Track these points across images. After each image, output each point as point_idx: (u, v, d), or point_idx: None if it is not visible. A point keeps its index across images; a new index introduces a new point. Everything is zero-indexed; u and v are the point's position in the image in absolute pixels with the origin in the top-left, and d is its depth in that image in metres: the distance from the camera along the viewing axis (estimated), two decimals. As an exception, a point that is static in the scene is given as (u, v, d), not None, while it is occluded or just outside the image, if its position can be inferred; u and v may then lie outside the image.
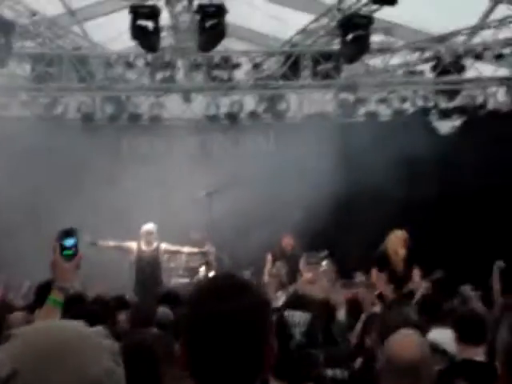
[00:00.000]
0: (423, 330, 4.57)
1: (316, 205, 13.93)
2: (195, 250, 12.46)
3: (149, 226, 11.85)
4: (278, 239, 12.84)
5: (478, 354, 4.96)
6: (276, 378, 3.07)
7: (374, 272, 10.72)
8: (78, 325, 1.56)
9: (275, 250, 12.67)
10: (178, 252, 12.42)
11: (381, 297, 9.86)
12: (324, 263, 12.82)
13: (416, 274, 10.53)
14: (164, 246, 11.94)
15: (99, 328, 1.58)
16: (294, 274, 11.99)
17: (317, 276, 12.00)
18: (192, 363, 1.91)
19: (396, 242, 10.90)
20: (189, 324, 1.96)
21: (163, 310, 6.67)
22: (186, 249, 12.41)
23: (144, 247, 11.84)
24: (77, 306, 5.26)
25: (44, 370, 1.40)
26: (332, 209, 13.94)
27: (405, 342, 3.30)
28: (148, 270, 11.74)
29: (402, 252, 10.81)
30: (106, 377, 1.46)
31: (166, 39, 13.58)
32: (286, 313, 3.25)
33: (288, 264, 12.03)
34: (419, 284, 10.14)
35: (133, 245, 11.90)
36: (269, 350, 1.93)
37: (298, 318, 3.21)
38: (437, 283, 10.36)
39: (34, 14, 13.68)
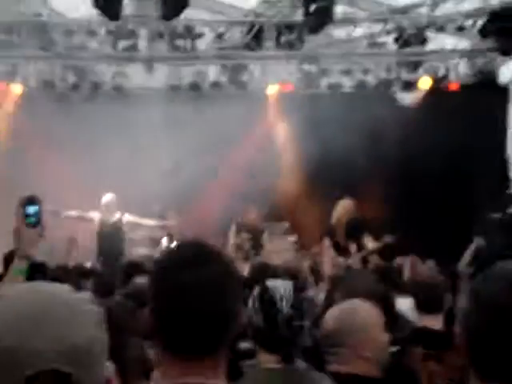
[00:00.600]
0: (387, 300, 4.62)
1: (279, 176, 14.00)
2: (157, 223, 12.48)
3: (107, 198, 11.86)
4: (241, 211, 12.82)
5: (436, 323, 5.05)
6: (267, 352, 3.07)
7: (324, 243, 10.81)
8: (63, 290, 1.52)
9: (238, 222, 12.65)
10: (139, 224, 12.43)
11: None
12: (286, 235, 12.92)
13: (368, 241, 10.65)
14: (126, 217, 11.97)
15: (83, 294, 1.56)
16: (256, 245, 12.03)
17: (280, 247, 12.08)
18: (159, 333, 1.93)
19: (341, 211, 11.00)
20: (155, 293, 1.95)
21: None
22: (148, 221, 12.43)
23: (106, 218, 11.84)
24: (41, 274, 5.28)
25: (26, 336, 1.37)
26: (295, 180, 14.02)
27: (332, 312, 3.42)
28: (110, 240, 11.76)
29: (345, 221, 10.91)
30: (91, 344, 1.44)
31: (128, 7, 13.41)
32: (269, 284, 3.19)
33: (251, 235, 12.07)
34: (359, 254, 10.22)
35: (96, 215, 11.90)
36: (236, 316, 1.94)
37: (282, 288, 3.15)
38: (387, 248, 10.51)
39: (-8, -21, 13.43)
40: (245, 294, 2.98)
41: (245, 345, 4.03)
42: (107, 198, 11.89)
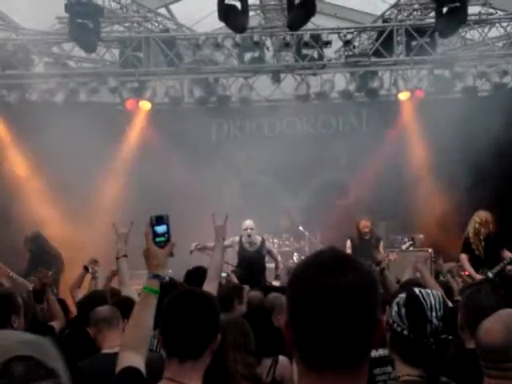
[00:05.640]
0: None
1: (411, 188, 13.49)
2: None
3: (249, 223, 10.98)
4: (354, 223, 12.08)
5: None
6: (407, 363, 2.86)
7: (462, 256, 10.40)
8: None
9: (353, 237, 11.94)
10: (274, 259, 11.72)
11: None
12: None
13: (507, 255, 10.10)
14: (267, 246, 11.37)
15: None
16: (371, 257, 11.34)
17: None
18: (298, 345, 1.80)
19: (477, 222, 10.48)
20: (294, 301, 1.82)
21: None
22: (279, 258, 11.75)
23: (247, 246, 11.05)
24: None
25: None
26: (428, 190, 13.49)
27: (495, 325, 3.00)
28: (249, 268, 10.99)
29: (483, 233, 10.37)
30: None
31: (254, 19, 13.31)
32: (417, 291, 2.95)
33: (367, 248, 11.46)
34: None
35: (235, 239, 10.99)
36: (378, 326, 1.81)
37: (432, 298, 2.91)
38: None
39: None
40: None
41: (376, 352, 3.91)
42: (248, 223, 10.95)
